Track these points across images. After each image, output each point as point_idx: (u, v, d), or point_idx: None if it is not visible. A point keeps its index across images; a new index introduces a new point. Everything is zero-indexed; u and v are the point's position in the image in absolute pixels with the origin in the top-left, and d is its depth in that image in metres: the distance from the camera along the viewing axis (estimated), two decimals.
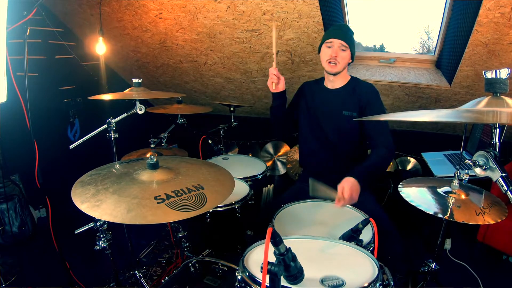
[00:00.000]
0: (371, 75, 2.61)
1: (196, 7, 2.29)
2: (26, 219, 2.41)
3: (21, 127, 1.62)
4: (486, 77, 1.01)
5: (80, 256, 2.02)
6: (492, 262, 2.14)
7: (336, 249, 1.07)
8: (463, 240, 2.27)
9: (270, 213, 1.43)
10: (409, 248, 2.29)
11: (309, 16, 2.17)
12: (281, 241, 0.80)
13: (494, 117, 0.86)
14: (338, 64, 1.64)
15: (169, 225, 1.90)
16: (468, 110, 0.94)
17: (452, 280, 1.93)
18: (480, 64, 2.13)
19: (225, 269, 1.24)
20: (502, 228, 1.93)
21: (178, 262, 1.96)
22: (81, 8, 2.59)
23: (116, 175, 1.08)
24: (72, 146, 1.55)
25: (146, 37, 2.76)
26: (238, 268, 0.97)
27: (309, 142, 1.81)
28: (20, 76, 1.56)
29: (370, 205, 1.57)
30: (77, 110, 2.93)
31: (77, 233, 1.28)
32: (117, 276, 1.56)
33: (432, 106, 2.67)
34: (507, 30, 1.84)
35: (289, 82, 2.84)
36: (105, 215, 0.88)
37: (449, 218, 1.08)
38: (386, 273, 1.08)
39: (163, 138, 2.27)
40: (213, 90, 3.32)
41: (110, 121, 1.54)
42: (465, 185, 1.27)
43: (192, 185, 1.02)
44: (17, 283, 1.93)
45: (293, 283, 0.85)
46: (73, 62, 2.86)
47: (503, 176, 0.88)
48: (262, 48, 2.54)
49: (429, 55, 2.57)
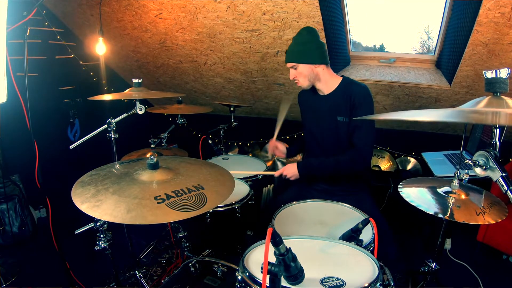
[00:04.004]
0: (371, 75, 2.61)
1: (196, 7, 2.29)
2: (26, 219, 2.41)
3: (21, 127, 1.62)
4: (486, 77, 1.01)
5: (80, 256, 2.02)
6: (492, 262, 2.14)
7: (336, 249, 1.07)
8: (463, 240, 2.27)
9: (270, 213, 1.43)
10: (409, 248, 2.29)
11: (309, 16, 2.17)
12: (281, 241, 0.80)
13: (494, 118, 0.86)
14: (299, 81, 1.68)
15: (169, 225, 1.91)
16: (470, 110, 0.93)
17: (452, 280, 1.94)
18: (480, 64, 2.13)
19: (225, 269, 1.23)
20: (502, 228, 1.93)
21: (178, 262, 1.96)
22: (81, 8, 2.59)
23: (116, 175, 1.08)
24: (72, 146, 1.55)
25: (146, 37, 2.76)
26: (238, 268, 0.97)
27: (310, 148, 1.84)
28: (20, 76, 1.56)
29: (366, 205, 1.57)
30: (77, 110, 2.93)
31: (77, 233, 1.28)
32: (117, 276, 1.56)
33: (432, 106, 2.67)
34: (507, 30, 1.84)
35: (289, 82, 2.84)
36: (105, 215, 0.87)
37: (449, 218, 1.08)
38: (386, 273, 1.08)
39: (163, 138, 2.27)
40: (213, 90, 3.32)
41: (110, 121, 1.54)
42: (465, 185, 1.27)
43: (192, 185, 1.02)
44: (17, 283, 1.93)
45: (293, 284, 0.85)
46: (73, 62, 2.87)
47: (503, 176, 0.88)
48: (262, 48, 2.54)
49: (429, 55, 2.57)
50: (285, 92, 3.03)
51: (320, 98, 1.74)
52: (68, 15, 2.74)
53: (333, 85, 1.69)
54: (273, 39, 2.43)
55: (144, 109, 1.54)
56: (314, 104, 1.76)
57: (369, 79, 2.56)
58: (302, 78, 1.66)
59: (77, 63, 2.90)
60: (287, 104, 1.93)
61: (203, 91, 3.40)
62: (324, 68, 1.66)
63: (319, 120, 1.74)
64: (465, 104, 0.99)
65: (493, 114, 0.87)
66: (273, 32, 2.37)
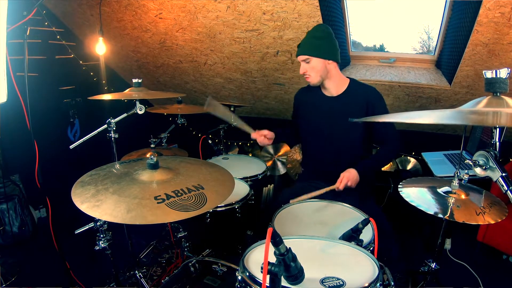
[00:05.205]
0: (371, 75, 2.61)
1: (196, 7, 2.29)
2: (26, 219, 2.41)
3: (21, 127, 1.62)
4: (486, 77, 1.01)
5: (80, 256, 2.01)
6: (492, 262, 2.14)
7: (336, 249, 1.07)
8: (463, 240, 2.27)
9: (270, 213, 1.42)
10: (409, 248, 2.29)
11: (309, 16, 2.17)
12: (282, 241, 0.80)
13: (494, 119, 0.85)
14: (310, 76, 1.64)
15: (169, 225, 1.91)
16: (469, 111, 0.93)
17: (452, 280, 1.93)
18: (480, 64, 2.13)
19: (225, 269, 1.23)
20: (502, 228, 1.93)
21: (178, 262, 1.96)
22: (81, 8, 2.59)
23: (116, 175, 1.08)
24: (72, 146, 1.55)
25: (146, 37, 2.76)
26: (238, 268, 0.97)
27: (313, 149, 1.81)
28: (20, 76, 1.56)
29: (368, 205, 1.58)
30: (77, 110, 2.93)
31: (77, 233, 1.28)
32: (117, 276, 1.56)
33: (432, 106, 2.67)
34: (507, 30, 1.84)
35: (289, 82, 2.85)
36: (105, 215, 0.87)
37: (449, 218, 1.08)
38: (386, 273, 1.08)
39: (163, 138, 2.27)
40: (213, 90, 3.32)
41: (110, 121, 1.54)
42: (465, 185, 1.26)
43: (192, 185, 1.02)
44: (17, 283, 1.93)
45: (294, 284, 0.85)
46: (73, 62, 2.86)
47: (503, 176, 0.88)
48: (262, 48, 2.54)
49: (429, 55, 2.57)
50: (285, 92, 3.03)
51: (329, 99, 1.71)
52: (68, 15, 2.74)
53: (343, 85, 1.68)
54: (273, 39, 2.43)
55: (144, 109, 1.54)
56: (323, 105, 1.72)
57: (369, 79, 2.55)
58: (314, 73, 1.63)
59: (77, 63, 2.90)
60: (217, 104, 1.71)
61: (203, 91, 3.40)
62: (335, 66, 1.66)
63: (330, 121, 1.70)
64: (465, 105, 0.98)
65: (493, 115, 0.87)
66: (273, 32, 2.37)
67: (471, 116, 0.89)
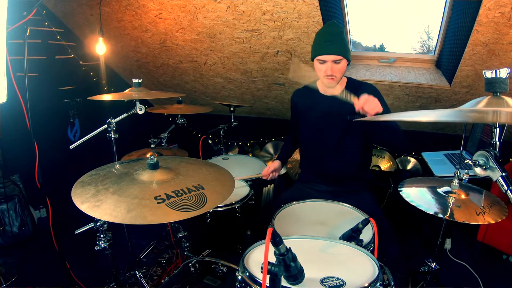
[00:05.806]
0: (371, 75, 2.61)
1: (196, 7, 2.29)
2: (26, 219, 2.41)
3: (21, 127, 1.61)
4: (486, 77, 1.01)
5: (80, 256, 2.01)
6: (492, 262, 2.14)
7: (336, 249, 1.07)
8: (463, 240, 2.27)
9: (270, 213, 1.42)
10: (409, 248, 2.29)
11: (309, 16, 2.17)
12: (281, 241, 0.80)
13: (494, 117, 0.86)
14: (336, 77, 1.54)
15: (169, 225, 1.90)
16: (469, 110, 0.93)
17: (452, 280, 1.94)
18: (480, 64, 2.13)
19: (225, 269, 1.23)
20: (502, 228, 1.93)
21: (178, 262, 1.96)
22: (81, 8, 2.59)
23: (116, 175, 1.08)
24: (72, 146, 1.55)
25: (146, 37, 2.76)
26: (238, 268, 0.97)
27: (313, 149, 1.80)
28: (20, 76, 1.56)
29: (369, 205, 1.57)
30: (77, 110, 2.93)
31: (77, 233, 1.28)
32: (117, 276, 1.56)
33: (432, 106, 2.67)
34: (507, 29, 1.84)
35: (289, 82, 2.84)
36: (105, 215, 0.88)
37: (449, 218, 1.08)
38: (386, 273, 1.08)
39: (163, 138, 2.27)
40: (213, 90, 3.32)
41: (110, 121, 1.54)
42: (465, 185, 1.27)
43: (192, 185, 1.02)
44: (17, 283, 1.93)
45: (293, 284, 0.85)
46: (73, 62, 2.86)
47: (503, 176, 0.88)
48: (262, 48, 2.54)
49: (429, 55, 2.57)
50: (285, 92, 3.03)
51: (327, 98, 1.70)
52: (68, 15, 2.74)
53: (341, 84, 1.67)
54: (273, 39, 2.43)
55: (144, 109, 1.54)
56: (322, 104, 1.71)
57: (369, 79, 2.55)
58: (340, 75, 1.55)
59: (77, 63, 2.90)
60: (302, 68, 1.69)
61: (203, 91, 3.40)
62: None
63: (328, 120, 1.69)
64: (465, 104, 0.98)
65: (493, 113, 0.87)
66: (273, 32, 2.37)
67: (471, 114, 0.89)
